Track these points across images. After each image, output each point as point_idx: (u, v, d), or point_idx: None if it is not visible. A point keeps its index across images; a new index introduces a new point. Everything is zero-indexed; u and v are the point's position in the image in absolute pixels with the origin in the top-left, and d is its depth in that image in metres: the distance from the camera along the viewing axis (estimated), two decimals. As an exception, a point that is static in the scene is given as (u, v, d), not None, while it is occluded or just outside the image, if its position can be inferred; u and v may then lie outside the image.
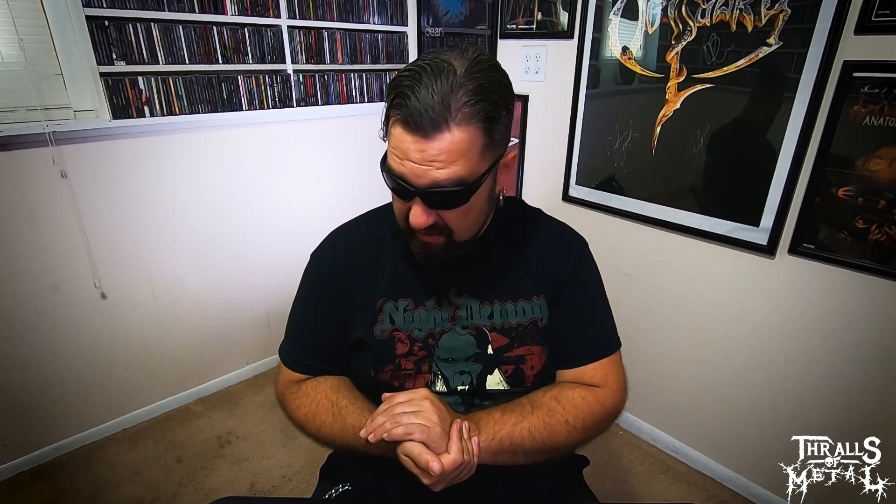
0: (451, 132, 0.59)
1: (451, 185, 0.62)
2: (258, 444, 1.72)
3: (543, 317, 0.78)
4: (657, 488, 1.58)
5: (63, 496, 1.52)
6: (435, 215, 0.65)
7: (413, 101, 0.59)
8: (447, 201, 0.64)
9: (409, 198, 0.64)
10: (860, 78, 1.09)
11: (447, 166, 0.61)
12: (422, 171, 0.61)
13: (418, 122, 0.59)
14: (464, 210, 0.66)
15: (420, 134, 0.59)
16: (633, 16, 1.44)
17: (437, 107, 0.58)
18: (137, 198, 1.62)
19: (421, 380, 0.75)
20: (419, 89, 0.59)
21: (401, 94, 0.60)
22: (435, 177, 0.61)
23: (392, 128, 0.63)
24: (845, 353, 1.26)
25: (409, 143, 0.60)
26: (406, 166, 0.62)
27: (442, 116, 0.59)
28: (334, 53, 1.93)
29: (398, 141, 0.61)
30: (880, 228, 1.13)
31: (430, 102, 0.58)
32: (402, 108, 0.60)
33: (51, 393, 1.60)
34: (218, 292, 1.89)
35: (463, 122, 0.60)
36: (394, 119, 0.62)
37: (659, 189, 1.52)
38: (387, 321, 0.76)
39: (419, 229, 0.66)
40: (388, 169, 0.65)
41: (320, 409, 0.76)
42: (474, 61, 0.61)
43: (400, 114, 0.60)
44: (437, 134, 0.59)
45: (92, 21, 1.40)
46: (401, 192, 0.65)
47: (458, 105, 0.59)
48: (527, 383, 0.76)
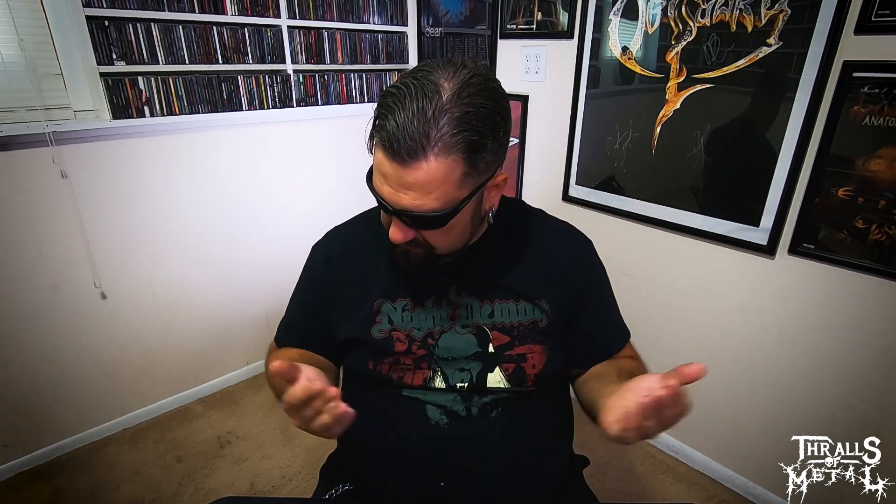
0: (429, 161, 0.58)
1: (426, 212, 0.62)
2: (258, 444, 1.72)
3: (543, 318, 0.77)
4: (657, 488, 1.58)
5: (63, 496, 1.52)
6: (414, 232, 0.66)
7: (392, 124, 0.58)
8: (423, 224, 0.65)
9: (388, 213, 0.66)
10: (860, 78, 1.09)
11: (421, 196, 0.60)
12: (397, 195, 0.62)
13: (395, 149, 0.58)
14: (443, 231, 0.66)
15: (397, 160, 0.59)
16: (633, 16, 1.44)
17: (415, 134, 0.57)
18: (137, 198, 1.62)
19: (419, 375, 0.75)
20: (400, 112, 0.57)
21: (382, 115, 0.59)
22: (409, 204, 0.61)
23: (375, 146, 0.63)
24: (845, 353, 1.26)
25: (386, 166, 0.61)
26: (384, 189, 0.63)
27: (420, 145, 0.57)
28: (334, 53, 1.93)
29: (379, 162, 0.63)
30: (880, 228, 1.13)
31: (409, 129, 0.57)
32: (382, 131, 0.59)
33: (51, 393, 1.60)
34: (218, 292, 1.89)
35: (442, 153, 0.58)
36: (376, 139, 0.62)
37: (659, 189, 1.52)
38: (385, 321, 0.76)
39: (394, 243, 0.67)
40: (371, 185, 0.66)
41: (278, 359, 0.78)
42: (465, 83, 0.59)
43: (379, 136, 0.60)
44: (413, 162, 0.58)
45: (92, 21, 1.40)
46: (381, 205, 0.66)
47: (438, 134, 0.57)
48: (528, 382, 0.76)
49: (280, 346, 0.87)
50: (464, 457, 0.73)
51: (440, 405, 0.75)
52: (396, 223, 0.65)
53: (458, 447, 0.74)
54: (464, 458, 0.73)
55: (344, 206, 2.10)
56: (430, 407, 0.75)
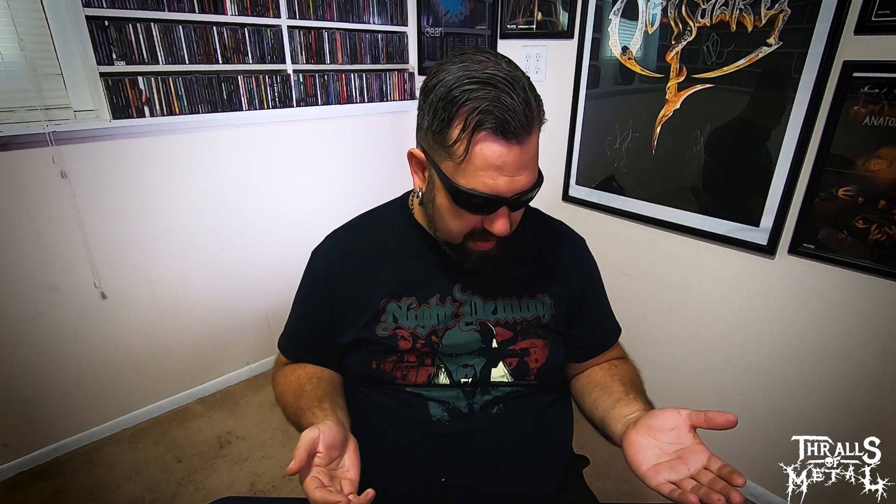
0: (535, 133, 0.62)
1: (533, 185, 0.65)
2: (258, 444, 1.72)
3: (546, 314, 0.79)
4: (657, 488, 1.58)
5: (63, 496, 1.51)
6: (510, 223, 0.67)
7: (506, 112, 0.58)
8: (526, 202, 0.67)
9: (491, 210, 0.64)
10: (860, 78, 1.09)
11: (531, 172, 0.63)
12: (514, 181, 0.62)
13: (515, 131, 0.59)
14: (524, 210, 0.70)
15: (515, 141, 0.59)
16: (633, 16, 1.44)
17: (523, 108, 0.59)
18: (137, 198, 1.62)
19: (423, 372, 0.75)
20: (505, 101, 0.58)
21: (488, 110, 0.58)
22: (524, 184, 0.63)
23: (477, 146, 0.60)
24: (845, 353, 1.26)
25: (505, 154, 0.60)
26: (500, 181, 0.61)
27: (530, 121, 0.60)
28: (334, 53, 1.93)
29: (491, 156, 0.60)
30: (880, 228, 1.13)
31: (519, 111, 0.58)
32: (494, 120, 0.58)
33: (51, 393, 1.60)
34: (218, 292, 1.89)
35: (539, 123, 0.62)
36: (482, 133, 0.59)
37: (659, 189, 1.52)
38: (390, 320, 0.76)
39: (500, 236, 0.66)
40: (472, 189, 0.62)
41: (289, 389, 0.80)
42: (516, 66, 0.64)
43: (492, 124, 0.58)
44: (528, 137, 0.61)
45: (92, 21, 1.40)
46: (482, 207, 0.64)
47: (536, 108, 0.61)
48: (530, 376, 0.77)
49: (282, 351, 0.88)
50: (464, 454, 0.74)
51: (442, 401, 0.75)
52: (504, 214, 0.65)
53: (459, 444, 0.74)
54: (464, 454, 0.74)
55: (344, 205, 2.11)
56: (432, 404, 0.75)
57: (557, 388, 0.85)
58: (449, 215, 0.68)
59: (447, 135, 0.61)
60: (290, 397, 0.79)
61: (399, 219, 0.82)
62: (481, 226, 0.67)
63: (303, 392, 0.77)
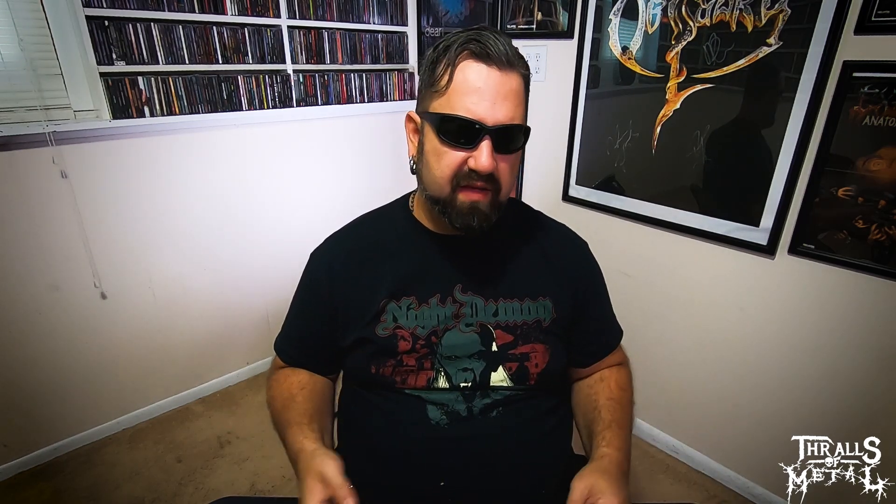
0: (516, 74, 0.66)
1: (518, 125, 0.67)
2: (258, 444, 1.72)
3: (546, 317, 0.78)
4: (657, 488, 1.58)
5: (63, 496, 1.51)
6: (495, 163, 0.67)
7: (488, 40, 0.64)
8: (512, 142, 0.68)
9: (474, 141, 0.66)
10: (860, 78, 1.09)
11: (514, 108, 0.66)
12: (495, 108, 0.64)
13: (497, 56, 0.64)
14: (513, 161, 0.70)
15: (498, 66, 0.64)
16: (633, 16, 1.44)
17: (508, 48, 0.65)
18: (137, 198, 1.62)
19: (423, 376, 0.75)
20: (487, 36, 0.64)
21: (471, 40, 0.64)
22: (505, 114, 0.65)
23: (460, 70, 0.65)
24: (845, 353, 1.26)
25: (486, 76, 0.64)
26: (480, 105, 0.64)
27: (511, 58, 0.65)
28: (334, 53, 1.93)
29: (472, 79, 0.64)
30: (880, 228, 1.13)
31: (501, 44, 0.64)
32: (478, 45, 0.64)
33: (51, 393, 1.60)
34: (218, 292, 1.89)
35: (520, 69, 0.67)
36: (465, 58, 0.65)
37: (659, 189, 1.52)
38: (390, 320, 0.76)
39: (482, 174, 0.66)
40: (452, 114, 0.65)
41: (279, 397, 0.81)
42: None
43: (476, 48, 0.64)
44: (510, 70, 0.65)
45: (92, 21, 1.40)
46: (465, 136, 0.66)
47: (516, 53, 0.66)
48: (530, 381, 0.76)
49: (279, 353, 0.87)
50: (463, 457, 0.74)
51: (441, 403, 0.75)
52: (487, 146, 0.65)
53: (458, 447, 0.74)
54: (463, 457, 0.74)
55: (344, 205, 2.11)
56: (430, 407, 0.75)
57: (558, 393, 0.84)
58: (435, 159, 0.69)
59: (435, 75, 0.67)
60: (278, 404, 0.80)
61: (399, 219, 0.82)
62: (467, 168, 0.67)
63: (293, 403, 0.78)
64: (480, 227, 0.71)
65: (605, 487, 0.65)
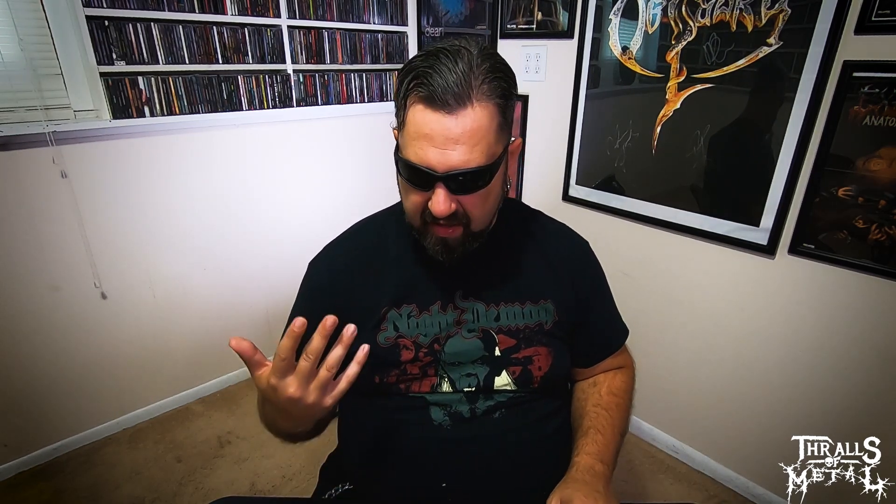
0: (474, 108, 0.60)
1: (474, 167, 0.61)
2: (258, 444, 1.72)
3: (549, 320, 0.78)
4: (657, 488, 1.58)
5: (63, 496, 1.51)
6: (456, 202, 0.64)
7: (435, 78, 0.59)
8: (469, 184, 0.63)
9: (430, 186, 0.63)
10: (860, 78, 1.09)
11: (468, 151, 0.61)
12: (445, 154, 0.60)
13: (442, 99, 0.59)
14: (483, 195, 0.66)
15: (444, 110, 0.59)
16: (633, 16, 1.44)
17: (460, 83, 0.59)
18: (137, 198, 1.62)
19: (426, 382, 0.74)
20: (440, 68, 0.59)
21: (420, 75, 0.60)
22: (458, 159, 0.61)
23: (410, 112, 0.61)
24: (845, 353, 1.26)
25: (432, 122, 0.60)
26: (429, 152, 0.61)
27: (465, 92, 0.59)
28: (334, 53, 1.93)
29: (420, 123, 0.60)
30: (880, 228, 1.13)
31: (451, 80, 0.58)
32: (424, 87, 0.59)
33: (51, 393, 1.60)
34: (218, 292, 1.89)
35: (483, 99, 0.60)
36: (413, 100, 0.61)
37: (659, 189, 1.52)
38: (391, 329, 0.75)
39: (440, 218, 0.64)
40: (406, 158, 0.63)
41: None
42: (482, 46, 0.64)
43: (422, 92, 0.60)
44: (460, 110, 0.59)
45: (92, 21, 1.40)
46: (420, 180, 0.63)
47: (477, 82, 0.60)
48: (534, 384, 0.76)
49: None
50: (466, 458, 0.73)
51: (444, 405, 0.74)
52: (442, 192, 0.62)
53: (460, 448, 0.74)
54: (466, 459, 0.73)
55: (344, 205, 2.11)
56: (434, 408, 0.75)
57: (561, 395, 0.84)
58: (404, 192, 0.69)
59: (397, 105, 0.65)
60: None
61: (398, 224, 0.81)
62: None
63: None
64: (451, 258, 0.71)
65: (572, 494, 0.64)
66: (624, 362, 0.88)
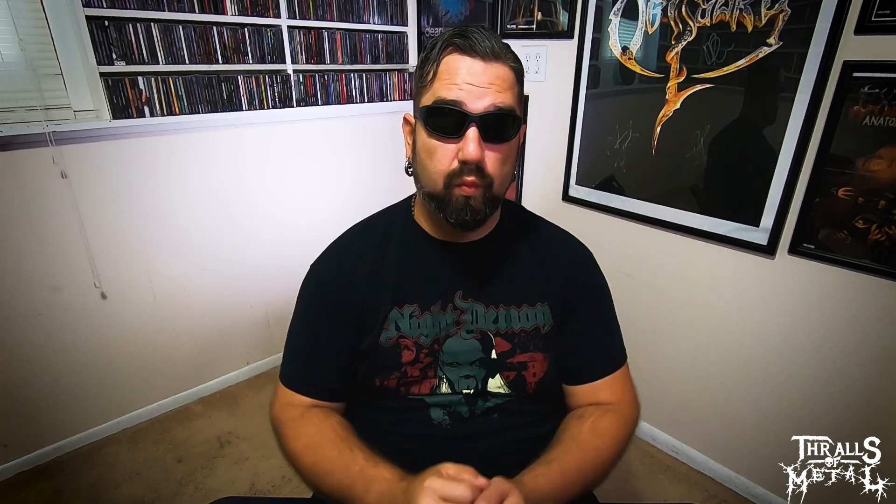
0: (504, 65, 0.66)
1: (506, 107, 0.65)
2: (258, 444, 1.72)
3: (546, 324, 0.78)
4: (657, 488, 1.58)
5: (63, 496, 1.51)
6: (483, 153, 0.66)
7: (471, 36, 0.65)
8: (500, 130, 0.66)
9: (460, 130, 0.65)
10: (860, 78, 1.09)
11: (502, 91, 0.65)
12: (480, 92, 0.64)
13: (478, 49, 0.64)
14: (505, 153, 0.68)
15: (480, 57, 0.64)
16: (633, 16, 1.44)
17: (493, 44, 0.65)
18: (137, 198, 1.62)
19: (426, 384, 0.75)
20: (473, 33, 0.65)
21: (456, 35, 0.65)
22: (492, 100, 0.64)
23: (444, 63, 0.66)
24: (845, 353, 1.26)
25: (468, 65, 0.64)
26: (464, 89, 0.64)
27: (498, 51, 0.65)
28: (334, 53, 1.93)
29: (455, 68, 0.65)
30: (880, 228, 1.13)
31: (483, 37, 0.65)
32: (460, 39, 0.65)
33: (51, 393, 1.60)
34: (218, 292, 1.89)
35: (509, 62, 0.67)
36: (448, 52, 0.66)
37: (659, 189, 1.52)
38: (392, 328, 0.75)
39: (471, 164, 0.65)
40: (440, 97, 0.65)
41: (325, 441, 0.70)
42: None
43: (458, 42, 0.65)
44: (494, 61, 0.65)
45: (92, 21, 1.40)
46: (452, 124, 0.65)
47: (506, 49, 0.67)
48: (528, 390, 0.76)
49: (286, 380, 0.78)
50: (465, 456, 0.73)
51: (444, 405, 0.75)
52: (474, 134, 0.64)
53: (460, 446, 0.74)
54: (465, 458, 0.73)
55: (344, 205, 2.11)
56: (433, 409, 0.75)
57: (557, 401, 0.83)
58: (427, 156, 0.68)
59: (423, 72, 0.68)
60: (330, 450, 0.68)
61: (402, 223, 0.81)
62: (457, 163, 0.66)
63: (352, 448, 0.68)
64: (474, 221, 0.70)
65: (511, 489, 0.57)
66: (618, 400, 0.78)
